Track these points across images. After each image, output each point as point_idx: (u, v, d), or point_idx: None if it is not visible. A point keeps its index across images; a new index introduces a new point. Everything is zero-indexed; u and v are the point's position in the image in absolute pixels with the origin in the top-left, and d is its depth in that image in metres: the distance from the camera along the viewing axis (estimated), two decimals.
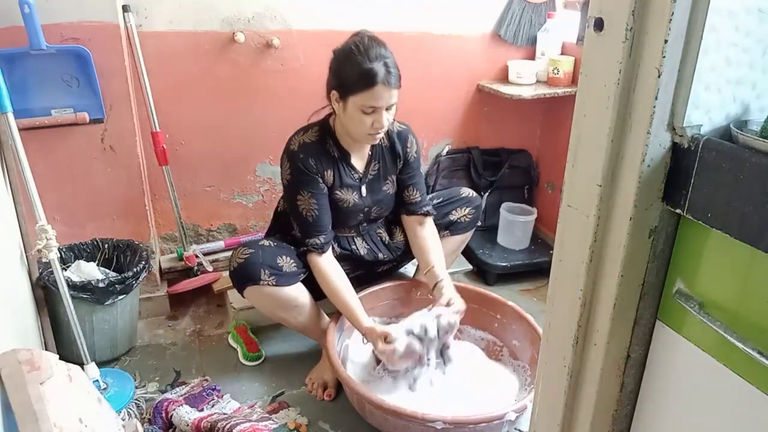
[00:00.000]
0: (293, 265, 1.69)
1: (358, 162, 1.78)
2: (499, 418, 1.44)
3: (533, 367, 1.70)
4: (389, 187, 1.84)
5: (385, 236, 1.93)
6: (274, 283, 1.63)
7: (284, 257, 1.68)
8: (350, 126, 1.65)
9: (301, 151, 1.67)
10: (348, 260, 1.83)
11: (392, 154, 1.82)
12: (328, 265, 1.71)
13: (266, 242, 1.71)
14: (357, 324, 1.68)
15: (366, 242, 1.88)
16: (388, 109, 1.62)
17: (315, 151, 1.69)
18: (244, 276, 1.64)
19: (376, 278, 1.97)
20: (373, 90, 1.56)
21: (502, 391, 1.70)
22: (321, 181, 1.69)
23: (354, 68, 1.57)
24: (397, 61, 1.62)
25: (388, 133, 1.80)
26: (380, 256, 1.90)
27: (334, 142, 1.73)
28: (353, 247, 1.85)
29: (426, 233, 1.85)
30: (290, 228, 1.77)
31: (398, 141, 1.81)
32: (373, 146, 1.78)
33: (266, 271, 1.63)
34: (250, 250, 1.66)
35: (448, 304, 1.69)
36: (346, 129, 1.69)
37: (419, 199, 1.86)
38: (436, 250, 1.83)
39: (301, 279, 1.71)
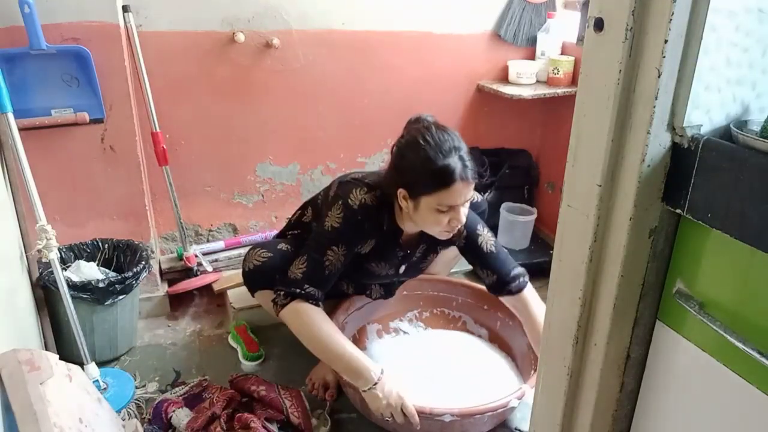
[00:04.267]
0: None
1: (407, 241, 1.67)
2: (503, 406, 1.48)
3: (530, 358, 1.71)
4: (427, 264, 1.79)
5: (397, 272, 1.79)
6: None
7: None
8: (422, 224, 1.53)
9: (361, 212, 1.53)
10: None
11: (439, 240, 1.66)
12: (314, 311, 1.52)
13: (284, 246, 1.68)
14: (363, 376, 1.44)
15: (381, 288, 1.84)
16: (464, 204, 1.49)
17: (371, 217, 1.55)
18: (258, 279, 1.65)
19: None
20: (451, 188, 1.42)
21: (503, 381, 1.72)
22: (362, 246, 1.59)
23: (427, 166, 1.42)
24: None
25: None
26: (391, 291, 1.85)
27: (389, 215, 1.59)
28: (369, 291, 1.82)
29: (525, 314, 1.67)
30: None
31: None
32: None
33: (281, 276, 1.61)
34: (269, 254, 1.65)
35: None
36: (415, 224, 1.56)
37: (494, 278, 1.68)
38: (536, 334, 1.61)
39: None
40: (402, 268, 1.74)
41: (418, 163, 1.44)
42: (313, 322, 1.50)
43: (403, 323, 1.97)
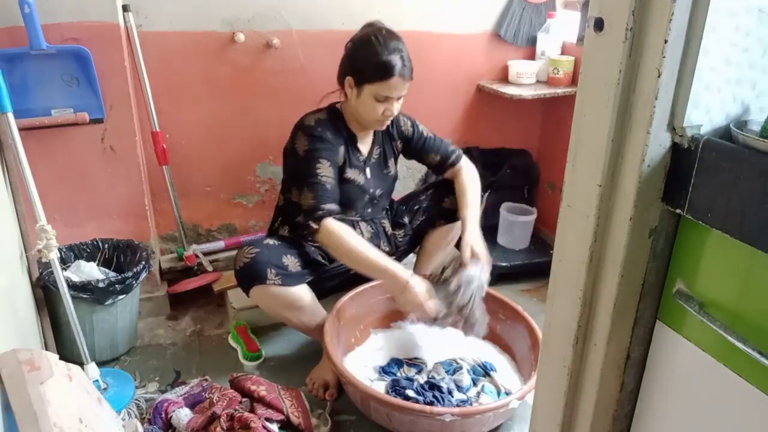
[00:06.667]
0: (298, 264, 1.69)
1: (363, 146, 1.87)
2: (504, 406, 1.48)
3: (531, 359, 1.71)
4: (390, 170, 1.94)
5: (388, 227, 1.97)
6: (279, 282, 1.63)
7: (289, 256, 1.68)
8: (362, 111, 1.73)
9: (318, 125, 1.74)
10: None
11: (389, 137, 1.93)
12: (343, 227, 1.66)
13: (270, 241, 1.72)
14: (394, 278, 1.62)
15: (370, 227, 1.92)
16: (398, 99, 1.72)
17: (330, 127, 1.76)
18: (250, 275, 1.64)
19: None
20: (390, 81, 1.66)
21: (505, 381, 1.74)
22: (337, 155, 1.76)
23: (373, 58, 1.66)
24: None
25: None
26: (381, 244, 1.92)
27: (343, 124, 1.81)
28: (357, 230, 1.86)
29: (459, 184, 1.93)
30: (293, 220, 1.78)
31: (391, 125, 1.89)
32: (375, 132, 1.88)
33: (272, 270, 1.63)
34: (256, 249, 1.66)
35: (473, 256, 1.71)
36: (356, 113, 1.77)
37: (440, 158, 1.94)
38: (465, 197, 1.89)
39: (307, 281, 1.72)
40: (368, 172, 1.87)
41: (366, 54, 1.68)
42: (346, 239, 1.65)
43: (404, 324, 1.96)
